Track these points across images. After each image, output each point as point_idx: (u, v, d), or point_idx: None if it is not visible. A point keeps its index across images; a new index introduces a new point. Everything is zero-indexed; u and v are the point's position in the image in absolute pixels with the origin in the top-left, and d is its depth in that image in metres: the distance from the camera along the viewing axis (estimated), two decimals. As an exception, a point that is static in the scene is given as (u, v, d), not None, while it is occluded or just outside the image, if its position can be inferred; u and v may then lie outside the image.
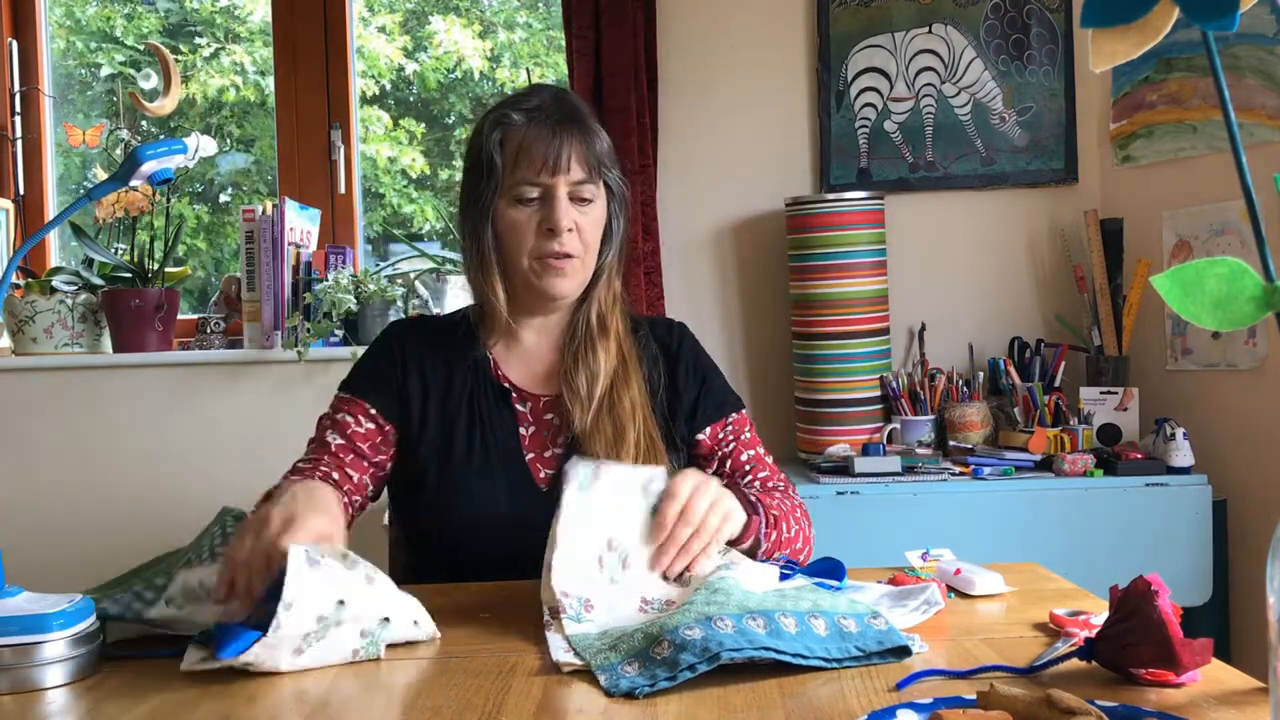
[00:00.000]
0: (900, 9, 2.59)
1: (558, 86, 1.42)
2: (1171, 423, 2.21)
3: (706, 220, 2.65)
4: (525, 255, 1.33)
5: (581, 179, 1.32)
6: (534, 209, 1.32)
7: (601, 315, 1.39)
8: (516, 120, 1.33)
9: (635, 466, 1.23)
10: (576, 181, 1.32)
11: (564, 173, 1.31)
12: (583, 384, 1.36)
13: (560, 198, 1.31)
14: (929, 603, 1.06)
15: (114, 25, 2.99)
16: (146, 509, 2.41)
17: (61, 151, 2.83)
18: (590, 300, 1.40)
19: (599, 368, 1.36)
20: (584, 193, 1.33)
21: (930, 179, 2.61)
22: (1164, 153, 2.41)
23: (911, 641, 0.96)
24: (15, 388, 2.40)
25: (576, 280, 1.36)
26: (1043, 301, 2.63)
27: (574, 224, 1.32)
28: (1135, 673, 0.89)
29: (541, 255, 1.33)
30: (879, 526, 2.15)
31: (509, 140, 1.33)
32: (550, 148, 1.30)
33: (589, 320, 1.39)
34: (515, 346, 1.42)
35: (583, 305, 1.41)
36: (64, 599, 0.99)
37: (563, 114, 1.33)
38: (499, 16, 3.03)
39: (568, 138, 1.31)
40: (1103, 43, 0.64)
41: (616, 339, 1.40)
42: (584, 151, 1.32)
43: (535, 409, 1.39)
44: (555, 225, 1.30)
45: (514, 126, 1.33)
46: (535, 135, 1.31)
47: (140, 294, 2.41)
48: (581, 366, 1.37)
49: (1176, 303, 0.64)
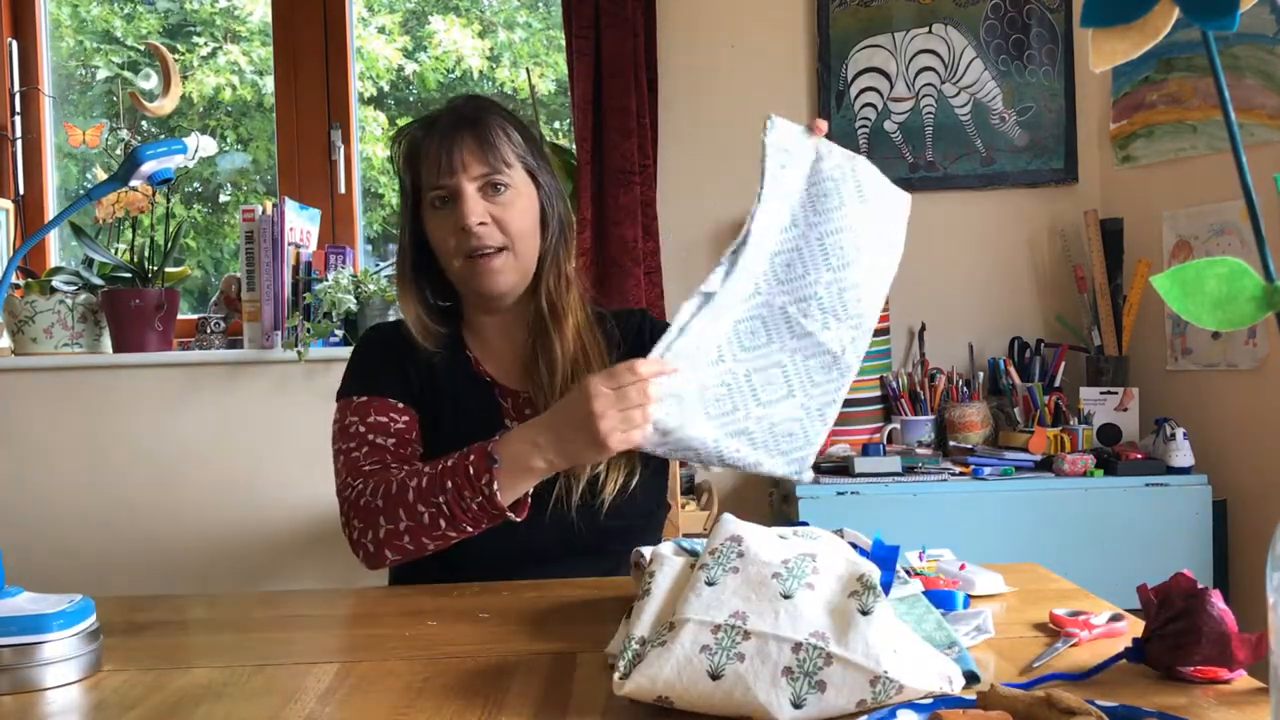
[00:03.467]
0: (900, 9, 2.59)
1: (475, 95, 1.46)
2: (1171, 423, 2.21)
3: (706, 220, 2.64)
4: (453, 258, 1.36)
5: (484, 173, 1.33)
6: (448, 210, 1.35)
7: (553, 302, 1.40)
8: (418, 134, 1.37)
9: None
10: (480, 175, 1.33)
11: (462, 171, 1.33)
12: (543, 374, 1.37)
13: (466, 195, 1.33)
14: (980, 629, 1.04)
15: (114, 25, 2.99)
16: (146, 509, 2.41)
17: (61, 152, 2.83)
18: (539, 290, 1.40)
19: (556, 355, 1.37)
20: (495, 181, 1.34)
21: (930, 179, 2.61)
22: (1164, 153, 2.41)
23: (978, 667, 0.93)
24: (15, 388, 2.40)
25: (510, 275, 1.37)
26: (1043, 301, 2.63)
27: (489, 217, 1.33)
28: (1184, 672, 0.88)
29: (465, 254, 1.34)
30: (879, 527, 2.13)
31: (412, 154, 1.37)
32: (443, 150, 1.33)
33: (540, 310, 1.40)
34: (488, 344, 1.44)
35: (534, 295, 1.41)
36: (64, 599, 0.99)
37: (458, 117, 1.36)
38: (499, 16, 3.03)
39: (459, 137, 1.34)
40: (1103, 42, 0.64)
41: (575, 326, 1.40)
42: (479, 148, 1.33)
43: (516, 404, 1.41)
44: (464, 222, 1.32)
45: (414, 140, 1.37)
46: (431, 143, 1.35)
47: (140, 294, 2.41)
48: (540, 357, 1.38)
49: (1176, 303, 0.64)
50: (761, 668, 0.81)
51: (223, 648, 1.01)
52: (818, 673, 0.81)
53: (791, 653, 0.81)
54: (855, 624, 0.82)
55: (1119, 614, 1.06)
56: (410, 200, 1.40)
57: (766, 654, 0.81)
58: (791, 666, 0.81)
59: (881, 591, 0.85)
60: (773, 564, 0.87)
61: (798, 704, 0.80)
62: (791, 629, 0.82)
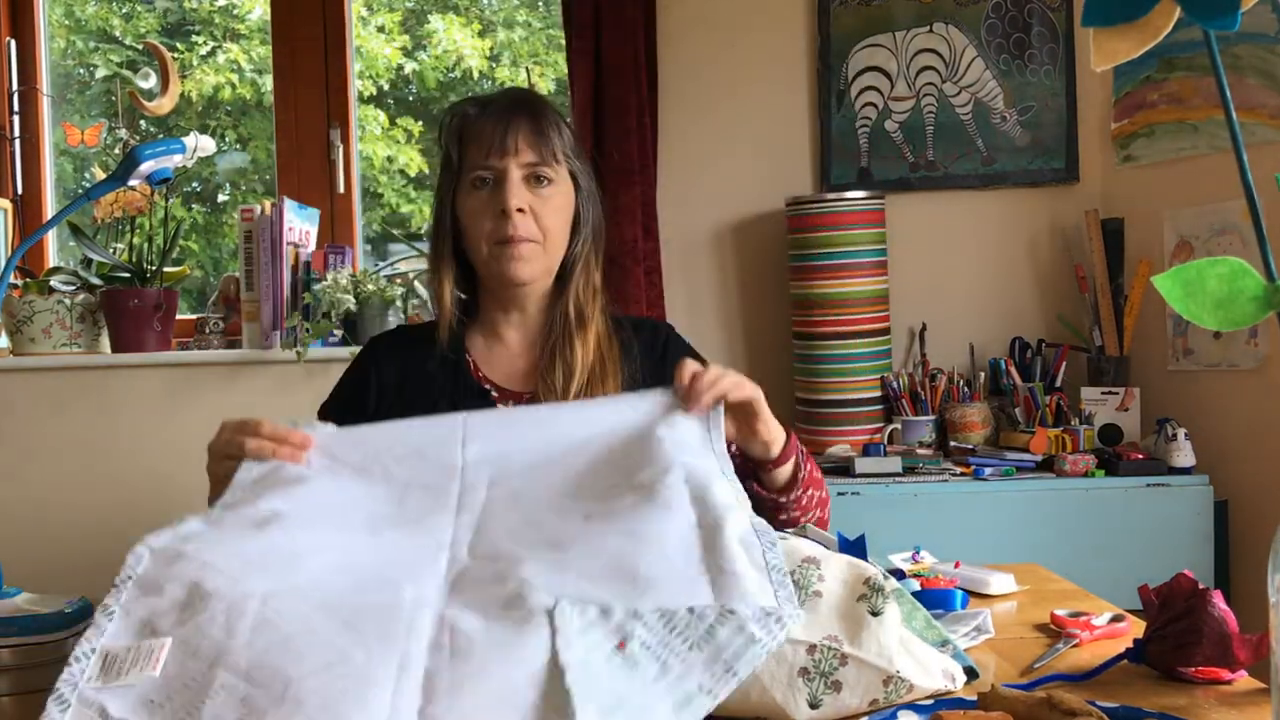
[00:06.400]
0: (901, 8, 2.59)
1: (526, 89, 1.45)
2: (1172, 423, 2.21)
3: (706, 220, 2.64)
4: (483, 240, 1.34)
5: (534, 161, 1.33)
6: (488, 192, 1.33)
7: (579, 308, 1.39)
8: (471, 112, 1.36)
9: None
10: (529, 163, 1.33)
11: (513, 155, 1.32)
12: (559, 379, 1.35)
13: (512, 179, 1.32)
14: (980, 629, 1.04)
15: (112, 25, 2.99)
16: (146, 509, 2.41)
17: (59, 151, 2.83)
18: (567, 294, 1.39)
19: (576, 363, 1.35)
20: (541, 173, 1.33)
21: (931, 179, 2.61)
22: (1165, 152, 2.41)
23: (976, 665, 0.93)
24: (14, 388, 2.40)
25: (536, 265, 1.35)
26: (1043, 301, 2.62)
27: (528, 207, 1.33)
28: (1185, 672, 0.88)
29: (498, 239, 1.33)
30: (880, 527, 2.13)
31: (464, 130, 1.36)
32: (498, 130, 1.32)
33: (566, 313, 1.39)
34: (495, 345, 1.42)
35: (560, 299, 1.40)
36: (64, 599, 0.99)
37: (515, 102, 1.36)
38: (498, 16, 3.03)
39: (516, 120, 1.33)
40: (1104, 42, 0.63)
41: (596, 336, 1.39)
42: (534, 135, 1.33)
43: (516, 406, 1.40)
44: (505, 205, 1.31)
45: (468, 117, 1.36)
46: (486, 121, 1.34)
47: (139, 294, 2.41)
48: (558, 361, 1.36)
49: (1178, 302, 0.64)
50: (778, 669, 0.82)
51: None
52: (833, 673, 0.82)
53: (807, 654, 0.82)
54: (867, 625, 0.84)
55: (1120, 614, 1.06)
56: (451, 178, 1.38)
57: (782, 656, 0.82)
58: (808, 667, 0.82)
59: (890, 594, 0.86)
60: None
61: (814, 704, 0.81)
62: (805, 633, 0.83)
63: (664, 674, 0.74)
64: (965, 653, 0.92)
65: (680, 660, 0.75)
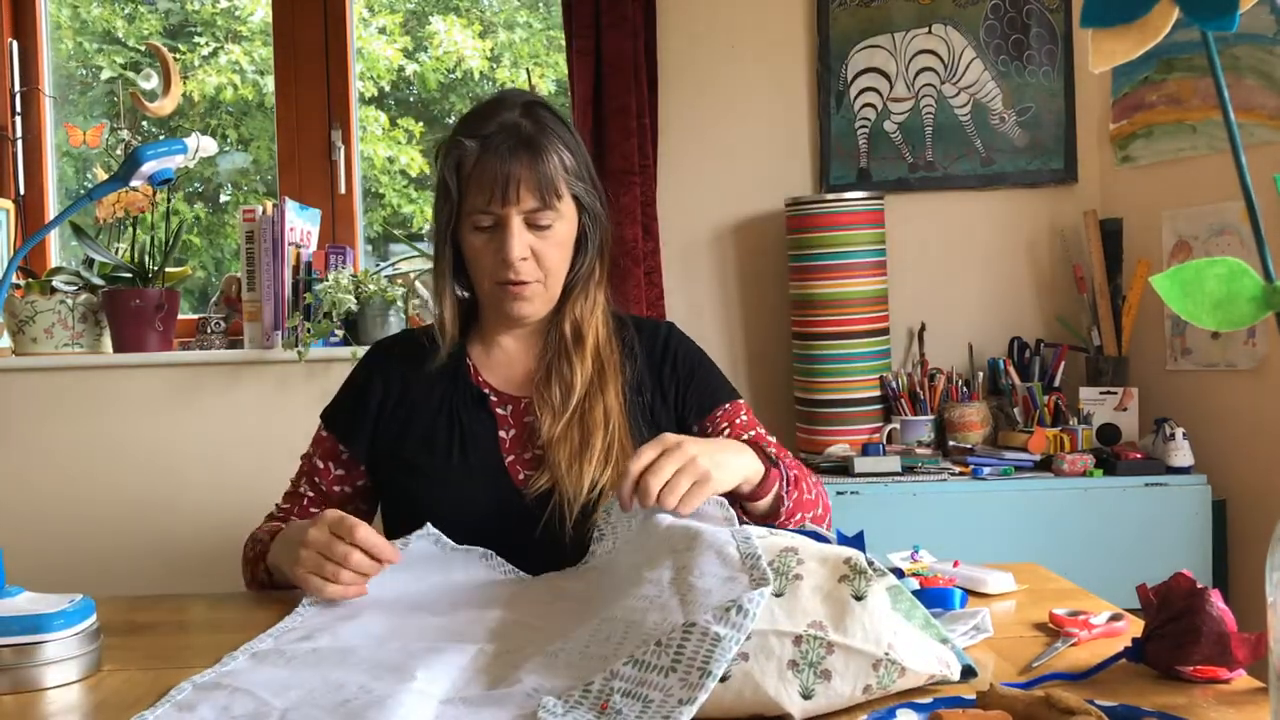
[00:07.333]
0: (900, 9, 2.59)
1: (526, 98, 1.37)
2: (1171, 423, 2.21)
3: (706, 220, 2.65)
4: (485, 280, 1.35)
5: (535, 207, 1.30)
6: (490, 235, 1.32)
7: (576, 327, 1.39)
8: (470, 147, 1.31)
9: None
10: (530, 210, 1.30)
11: (515, 203, 1.29)
12: (555, 394, 1.36)
13: (513, 229, 1.30)
14: (979, 628, 1.05)
15: (115, 26, 2.99)
16: (146, 509, 2.41)
17: (62, 152, 2.83)
18: (566, 311, 1.40)
19: (574, 380, 1.37)
20: (540, 220, 1.31)
21: (930, 179, 2.61)
22: (1164, 153, 2.41)
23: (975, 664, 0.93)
24: (15, 388, 2.40)
25: (538, 303, 1.37)
26: (1042, 301, 2.63)
27: (530, 251, 1.32)
28: (1183, 671, 0.88)
29: (499, 280, 1.33)
30: (879, 527, 2.13)
31: (463, 166, 1.32)
32: (499, 178, 1.28)
33: (563, 332, 1.39)
34: (496, 351, 1.44)
35: (559, 315, 1.41)
36: (64, 599, 0.99)
37: (517, 139, 1.30)
38: (499, 16, 3.03)
39: (518, 166, 1.28)
40: (1102, 43, 0.64)
41: (594, 349, 1.39)
42: (535, 179, 1.29)
43: (516, 411, 1.40)
44: (508, 255, 1.30)
45: (467, 153, 1.31)
46: (486, 164, 1.29)
47: (140, 294, 2.42)
48: (555, 377, 1.38)
49: (1176, 303, 0.64)
50: (767, 664, 0.82)
51: (223, 648, 1.01)
52: (821, 662, 0.82)
53: (793, 645, 0.82)
54: (851, 610, 0.84)
55: (1119, 614, 1.06)
56: (453, 209, 1.34)
57: (769, 649, 0.82)
58: (795, 659, 0.82)
59: (873, 573, 0.86)
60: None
61: (806, 695, 0.82)
62: (789, 622, 0.83)
63: (646, 708, 0.78)
64: (964, 651, 0.92)
65: (659, 690, 0.79)
